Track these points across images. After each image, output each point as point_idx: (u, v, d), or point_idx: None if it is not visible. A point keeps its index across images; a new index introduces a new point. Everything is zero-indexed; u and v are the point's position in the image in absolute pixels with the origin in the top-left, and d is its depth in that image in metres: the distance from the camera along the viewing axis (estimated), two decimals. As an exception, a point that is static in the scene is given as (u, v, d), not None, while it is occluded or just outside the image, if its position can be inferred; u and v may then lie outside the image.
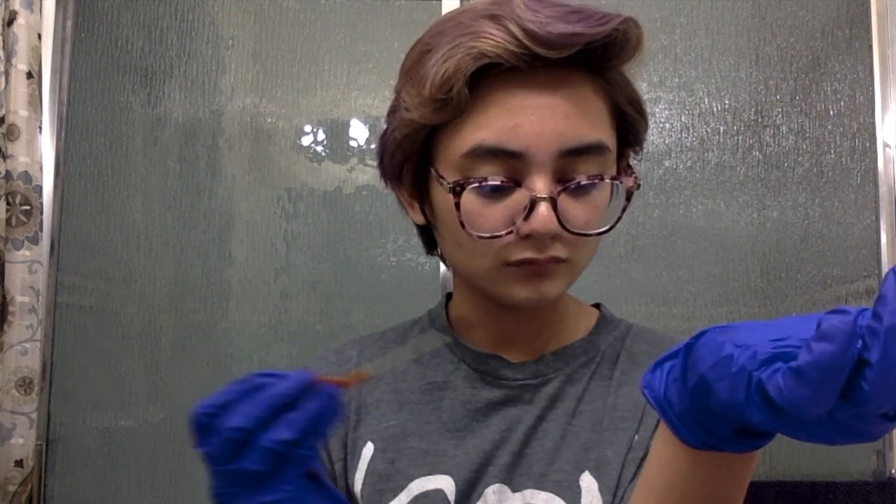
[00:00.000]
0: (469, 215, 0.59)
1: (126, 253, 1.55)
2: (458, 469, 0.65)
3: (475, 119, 0.59)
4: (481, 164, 0.59)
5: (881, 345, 0.33)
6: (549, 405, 0.67)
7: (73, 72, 1.57)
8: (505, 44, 0.56)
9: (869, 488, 1.36)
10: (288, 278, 1.53)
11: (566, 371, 0.68)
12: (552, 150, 0.58)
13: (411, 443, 0.67)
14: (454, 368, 0.70)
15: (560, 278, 0.62)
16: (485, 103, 0.59)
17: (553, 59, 0.57)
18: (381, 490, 0.66)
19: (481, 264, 0.62)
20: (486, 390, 0.68)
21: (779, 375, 0.35)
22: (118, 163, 1.58)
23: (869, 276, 1.44)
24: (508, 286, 0.62)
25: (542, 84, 0.58)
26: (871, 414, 0.35)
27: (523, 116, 0.58)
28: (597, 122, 0.60)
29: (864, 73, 1.48)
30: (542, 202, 0.57)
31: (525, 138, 0.58)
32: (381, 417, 0.69)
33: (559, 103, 0.58)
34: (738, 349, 0.37)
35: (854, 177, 1.48)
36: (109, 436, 1.51)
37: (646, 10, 1.51)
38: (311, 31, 1.57)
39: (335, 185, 1.54)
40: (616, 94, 0.63)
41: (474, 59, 0.56)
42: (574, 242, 0.61)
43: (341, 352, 0.75)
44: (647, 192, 1.49)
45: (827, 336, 0.34)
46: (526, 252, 0.60)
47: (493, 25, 0.57)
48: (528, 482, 0.64)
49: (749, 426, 0.41)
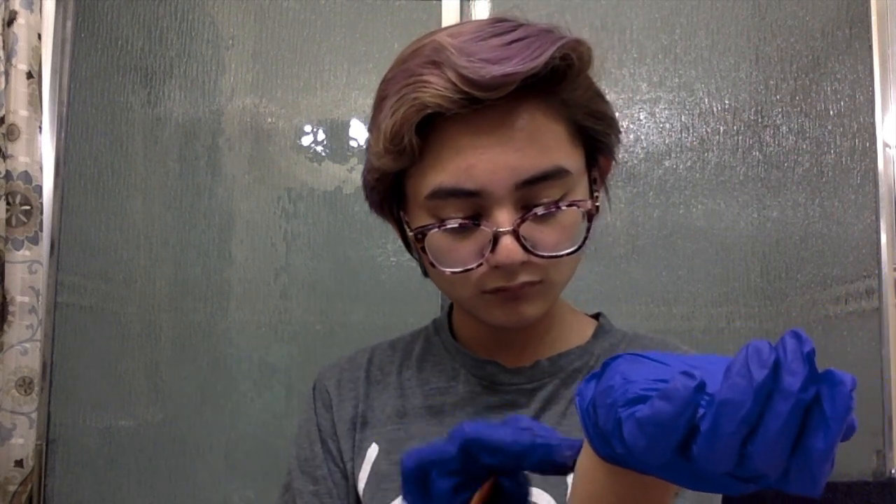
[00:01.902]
0: (440, 253, 0.63)
1: (126, 253, 1.55)
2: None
3: (432, 163, 0.61)
4: (444, 205, 0.61)
5: (711, 415, 0.34)
6: (542, 408, 0.69)
7: (73, 72, 1.57)
8: (444, 92, 0.57)
9: (869, 488, 1.36)
10: (288, 278, 1.53)
11: (560, 376, 0.70)
12: (508, 185, 0.60)
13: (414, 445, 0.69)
14: (455, 374, 0.73)
15: (538, 299, 0.64)
16: (439, 147, 0.61)
17: (497, 98, 0.58)
18: (384, 490, 0.68)
19: (461, 294, 0.65)
20: (485, 395, 0.71)
21: (630, 420, 0.36)
22: (118, 163, 1.58)
23: (869, 276, 1.44)
24: (489, 311, 0.65)
25: (490, 121, 0.60)
26: (710, 473, 0.35)
27: (475, 156, 0.60)
28: (552, 147, 0.61)
29: (864, 73, 1.48)
30: (504, 236, 0.60)
31: (480, 177, 0.60)
32: (387, 421, 0.72)
33: (509, 138, 0.60)
34: (622, 381, 0.38)
35: (854, 177, 1.48)
36: (109, 436, 1.51)
37: (646, 10, 1.51)
38: (311, 31, 1.57)
39: (335, 185, 1.54)
40: (574, 112, 0.63)
41: (417, 110, 0.59)
42: (546, 265, 0.62)
43: (353, 359, 0.79)
44: (647, 192, 1.49)
45: (667, 396, 0.35)
46: (498, 281, 0.62)
47: (434, 73, 0.58)
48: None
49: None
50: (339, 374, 0.77)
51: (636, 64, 1.50)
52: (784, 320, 1.45)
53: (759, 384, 0.33)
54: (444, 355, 0.75)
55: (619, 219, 1.48)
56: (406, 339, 0.80)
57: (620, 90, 1.50)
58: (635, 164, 1.49)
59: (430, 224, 0.62)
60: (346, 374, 0.77)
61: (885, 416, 1.40)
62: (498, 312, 0.64)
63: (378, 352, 0.79)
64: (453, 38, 0.60)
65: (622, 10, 1.50)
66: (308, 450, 0.75)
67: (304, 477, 0.74)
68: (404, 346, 0.79)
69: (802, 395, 0.33)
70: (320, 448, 0.73)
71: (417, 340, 0.79)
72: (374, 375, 0.76)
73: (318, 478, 0.73)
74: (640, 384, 0.37)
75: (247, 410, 1.50)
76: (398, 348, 0.79)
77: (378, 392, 0.75)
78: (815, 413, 0.33)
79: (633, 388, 0.37)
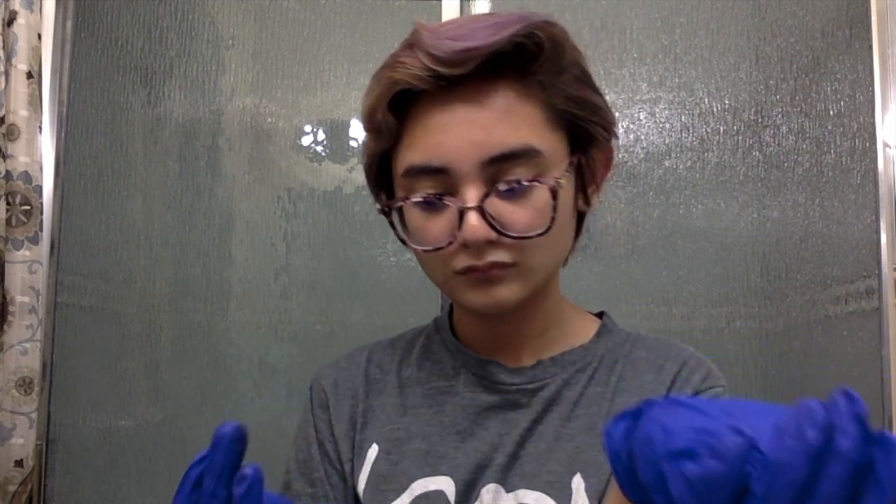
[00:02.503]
0: (414, 231, 0.64)
1: (126, 253, 1.55)
2: (457, 470, 0.67)
3: (406, 142, 0.64)
4: (417, 183, 0.63)
5: (766, 480, 0.33)
6: (544, 409, 0.68)
7: (73, 72, 1.57)
8: (413, 70, 0.60)
9: (869, 488, 1.36)
10: (288, 278, 1.53)
11: (562, 376, 0.70)
12: (474, 162, 0.60)
13: (414, 445, 0.69)
14: (455, 374, 0.72)
15: (512, 283, 0.63)
16: (413, 126, 0.63)
17: (469, 76, 0.60)
18: (384, 490, 0.67)
19: (437, 276, 0.66)
20: (486, 395, 0.70)
21: (678, 477, 0.36)
22: (118, 163, 1.58)
23: (869, 276, 1.44)
24: (463, 294, 0.65)
25: (460, 100, 0.61)
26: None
27: (444, 133, 0.61)
28: (522, 127, 0.61)
29: (864, 73, 1.48)
30: (469, 212, 0.60)
31: (447, 153, 0.61)
32: (387, 420, 0.72)
33: (478, 115, 0.61)
34: (662, 433, 0.37)
35: (854, 177, 1.48)
36: (109, 436, 1.51)
37: (646, 10, 1.51)
38: (311, 31, 1.57)
39: (335, 185, 1.54)
40: (552, 96, 0.63)
41: (389, 88, 0.62)
42: (518, 246, 0.62)
43: (351, 357, 0.78)
44: (647, 192, 1.49)
45: (718, 455, 0.34)
46: (467, 260, 0.62)
47: (407, 54, 0.61)
48: (521, 482, 0.65)
49: None
50: (337, 374, 0.76)
51: (636, 64, 1.50)
52: (784, 320, 1.45)
53: (813, 447, 0.33)
54: (444, 354, 0.74)
55: (619, 219, 1.48)
56: (406, 338, 0.79)
57: (620, 90, 1.50)
58: (635, 164, 1.49)
59: (397, 199, 0.64)
60: (344, 373, 0.76)
61: (885, 416, 1.40)
62: (471, 295, 0.64)
63: (377, 350, 0.78)
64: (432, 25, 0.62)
65: (622, 10, 1.50)
66: (305, 451, 0.74)
67: (302, 479, 0.73)
68: (404, 344, 0.78)
69: (857, 459, 0.33)
70: (317, 450, 0.73)
71: (418, 339, 0.78)
72: (372, 374, 0.75)
73: (314, 480, 0.72)
74: (682, 436, 0.36)
75: (247, 410, 1.50)
76: (398, 347, 0.78)
77: (377, 391, 0.74)
78: (868, 477, 0.33)
79: (676, 440, 0.36)
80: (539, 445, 0.66)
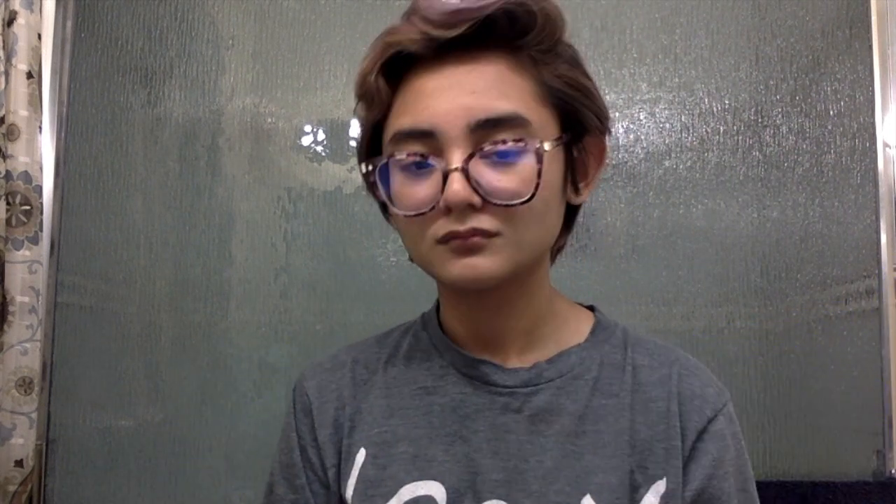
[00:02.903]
0: (396, 196, 0.63)
1: (126, 253, 1.55)
2: (447, 476, 0.65)
3: (397, 109, 0.64)
4: (403, 147, 0.62)
5: None
6: (541, 417, 0.66)
7: (73, 72, 1.57)
8: (409, 33, 0.62)
9: (869, 488, 1.36)
10: (288, 278, 1.53)
11: (557, 382, 0.67)
12: (461, 125, 0.60)
13: (401, 448, 0.67)
14: (444, 373, 0.70)
15: (495, 254, 0.61)
16: (405, 93, 0.64)
17: (461, 41, 0.60)
18: (373, 496, 0.65)
19: (420, 247, 0.65)
20: (475, 395, 0.67)
21: None
22: (118, 163, 1.58)
23: (869, 276, 1.44)
24: (443, 265, 0.63)
25: (452, 65, 0.62)
26: None
27: (432, 98, 0.61)
28: (511, 96, 0.61)
29: (864, 73, 1.48)
30: (453, 173, 0.59)
31: (433, 117, 0.61)
32: (374, 423, 0.69)
33: (467, 80, 0.61)
34: None
35: (854, 177, 1.48)
36: (109, 436, 1.51)
37: (646, 10, 1.51)
38: (311, 31, 1.56)
39: (335, 185, 1.54)
40: (542, 72, 0.63)
41: (383, 51, 0.64)
42: (503, 215, 0.61)
43: (336, 358, 0.76)
44: (647, 192, 1.49)
45: None
46: (449, 225, 0.61)
47: (403, 22, 0.63)
48: (527, 500, 0.63)
49: None
50: (321, 377, 0.74)
51: (636, 64, 1.50)
52: (784, 320, 1.45)
53: None
54: (432, 352, 0.71)
55: (619, 219, 1.48)
56: (394, 335, 0.77)
57: (620, 90, 1.50)
58: (635, 164, 1.49)
59: (381, 158, 0.64)
60: (328, 375, 0.74)
61: (885, 416, 1.40)
62: (451, 265, 0.62)
63: (363, 349, 0.76)
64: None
65: (622, 10, 1.50)
66: (287, 456, 0.72)
67: (284, 483, 0.72)
68: (391, 342, 0.76)
69: None
70: (299, 456, 0.71)
71: (405, 336, 0.76)
72: (359, 375, 0.73)
73: (297, 487, 0.71)
74: None
75: (247, 410, 1.50)
76: (385, 345, 0.76)
77: (365, 393, 0.71)
78: None
79: None
80: (545, 462, 0.64)
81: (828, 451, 1.41)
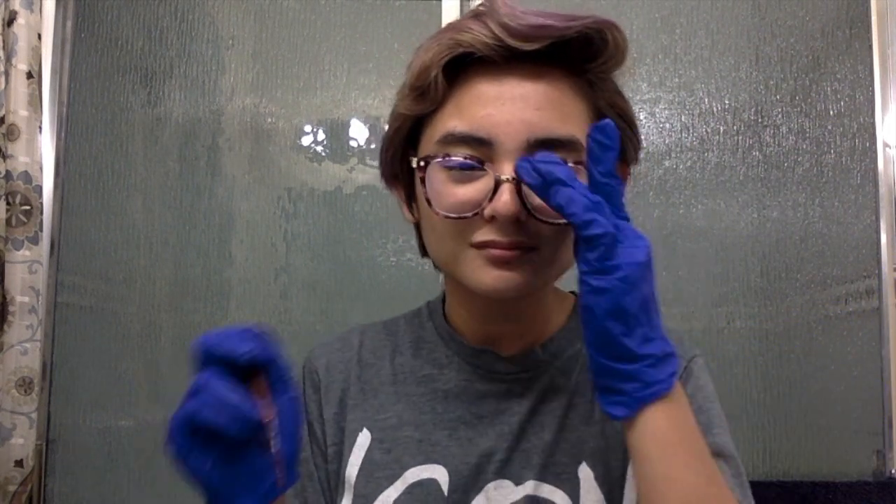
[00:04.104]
0: (437, 195, 0.62)
1: (126, 253, 1.55)
2: (451, 459, 0.67)
3: (451, 109, 0.62)
4: (453, 149, 0.61)
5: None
6: (541, 398, 0.69)
7: (73, 72, 1.57)
8: (481, 36, 0.59)
9: (869, 488, 1.36)
10: (288, 278, 1.53)
11: (556, 364, 0.70)
12: (520, 139, 0.60)
13: (406, 432, 0.69)
14: (448, 362, 0.72)
15: (528, 269, 0.62)
16: (461, 94, 0.62)
17: (530, 53, 0.59)
18: (378, 478, 0.68)
19: (449, 247, 0.64)
20: (480, 383, 0.70)
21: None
22: (118, 163, 1.58)
23: (869, 276, 1.44)
24: (474, 271, 0.63)
25: (517, 76, 0.61)
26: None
27: (495, 106, 0.60)
28: (571, 119, 0.61)
29: (864, 73, 1.48)
30: (505, 184, 0.59)
31: (494, 126, 0.60)
32: (380, 408, 0.71)
33: (532, 95, 0.60)
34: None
35: (854, 177, 1.48)
36: (109, 436, 1.51)
37: (646, 10, 1.51)
38: (311, 31, 1.57)
39: (335, 185, 1.54)
40: (598, 98, 0.64)
41: (450, 48, 0.61)
42: (544, 230, 0.61)
43: (345, 339, 0.78)
44: (647, 192, 1.49)
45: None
46: (490, 234, 0.61)
47: (475, 22, 0.61)
48: (530, 473, 0.65)
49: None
50: (329, 356, 0.76)
51: (636, 64, 1.50)
52: (784, 320, 1.45)
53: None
54: (437, 342, 0.74)
55: (619, 219, 1.48)
56: (400, 324, 0.78)
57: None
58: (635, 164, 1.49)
59: (436, 155, 0.62)
60: (337, 354, 0.76)
61: (885, 416, 1.40)
62: (483, 273, 0.62)
63: (370, 333, 0.78)
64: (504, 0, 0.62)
65: (622, 10, 1.50)
66: None
67: None
68: (398, 330, 0.77)
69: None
70: (306, 430, 0.73)
71: (411, 325, 0.77)
72: (366, 358, 0.75)
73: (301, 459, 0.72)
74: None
75: (247, 410, 1.50)
76: (392, 333, 0.77)
77: (370, 376, 0.74)
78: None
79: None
80: (544, 436, 0.67)
81: (828, 451, 1.41)
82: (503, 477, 0.66)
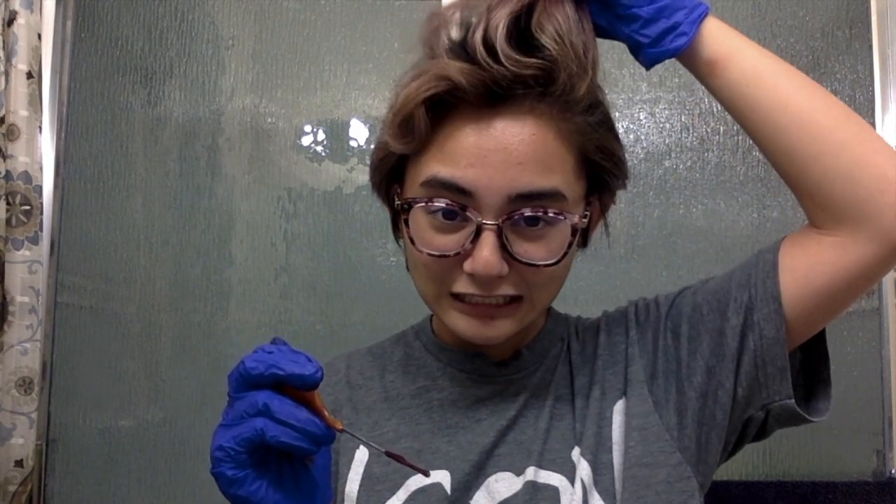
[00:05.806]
0: (420, 239, 0.63)
1: (126, 253, 1.55)
2: (453, 463, 0.68)
3: (435, 153, 0.62)
4: (436, 194, 0.61)
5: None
6: (532, 393, 0.71)
7: (73, 72, 1.57)
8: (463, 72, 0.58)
9: (869, 488, 1.36)
10: (288, 278, 1.53)
11: (545, 362, 0.72)
12: (502, 194, 0.60)
13: (405, 444, 0.70)
14: (441, 373, 0.73)
15: (508, 319, 0.64)
16: (445, 137, 0.61)
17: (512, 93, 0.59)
18: (379, 490, 0.68)
19: (430, 290, 0.65)
20: (475, 388, 0.71)
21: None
22: (118, 163, 1.58)
23: (869, 276, 1.44)
24: (454, 319, 0.65)
25: (499, 122, 0.60)
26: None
27: (478, 158, 0.60)
28: (555, 170, 0.61)
29: (864, 73, 1.48)
30: (486, 231, 0.59)
31: (476, 179, 0.60)
32: (374, 425, 0.72)
33: (515, 148, 0.60)
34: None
35: (854, 177, 1.47)
36: (109, 436, 1.51)
37: (646, 10, 1.50)
38: (311, 31, 1.57)
39: (335, 185, 1.54)
40: (585, 144, 0.64)
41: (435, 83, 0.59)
42: (527, 275, 0.62)
43: (330, 365, 0.78)
44: (647, 192, 1.49)
45: None
46: (469, 287, 0.62)
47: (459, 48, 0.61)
48: (529, 461, 0.67)
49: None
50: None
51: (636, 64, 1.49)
52: (784, 320, 1.45)
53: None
54: (426, 358, 0.75)
55: (619, 219, 1.48)
56: (385, 346, 0.80)
57: (620, 90, 1.50)
58: (635, 164, 1.49)
59: (419, 198, 0.62)
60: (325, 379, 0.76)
61: (885, 416, 1.40)
62: (464, 323, 0.64)
63: (355, 358, 0.79)
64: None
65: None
66: None
67: None
68: (383, 353, 0.79)
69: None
70: None
71: (397, 347, 0.79)
72: (354, 380, 0.76)
73: None
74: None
75: (247, 410, 1.50)
76: (378, 355, 0.79)
77: (361, 396, 0.74)
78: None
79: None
80: (539, 426, 0.68)
81: (828, 451, 1.41)
82: (505, 469, 0.67)
